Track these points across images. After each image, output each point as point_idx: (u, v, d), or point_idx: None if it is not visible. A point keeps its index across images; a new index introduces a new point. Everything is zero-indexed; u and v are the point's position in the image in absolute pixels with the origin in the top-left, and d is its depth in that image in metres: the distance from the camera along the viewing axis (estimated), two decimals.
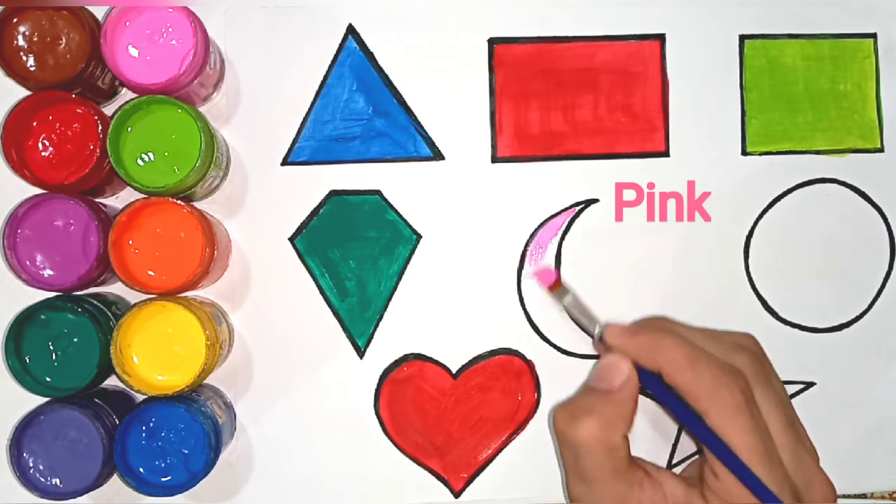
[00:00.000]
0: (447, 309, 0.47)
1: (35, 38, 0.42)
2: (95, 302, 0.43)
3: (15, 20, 0.42)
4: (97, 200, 0.44)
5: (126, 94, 0.46)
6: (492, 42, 0.48)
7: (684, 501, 0.40)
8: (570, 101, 0.48)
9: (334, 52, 0.47)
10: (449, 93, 0.48)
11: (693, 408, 0.40)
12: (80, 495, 0.42)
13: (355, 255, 0.47)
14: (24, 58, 0.42)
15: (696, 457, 0.45)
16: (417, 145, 0.48)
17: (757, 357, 0.42)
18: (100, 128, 0.42)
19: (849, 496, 0.49)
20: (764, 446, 0.39)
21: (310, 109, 0.47)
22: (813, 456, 0.41)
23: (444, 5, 0.48)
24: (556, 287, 0.46)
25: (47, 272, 0.42)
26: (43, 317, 0.42)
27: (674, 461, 0.47)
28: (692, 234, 0.48)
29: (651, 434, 0.47)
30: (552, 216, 0.48)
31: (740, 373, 0.40)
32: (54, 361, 0.42)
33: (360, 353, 0.47)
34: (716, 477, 0.39)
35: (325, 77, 0.47)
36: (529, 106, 0.48)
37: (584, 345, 0.48)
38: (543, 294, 0.47)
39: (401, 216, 0.47)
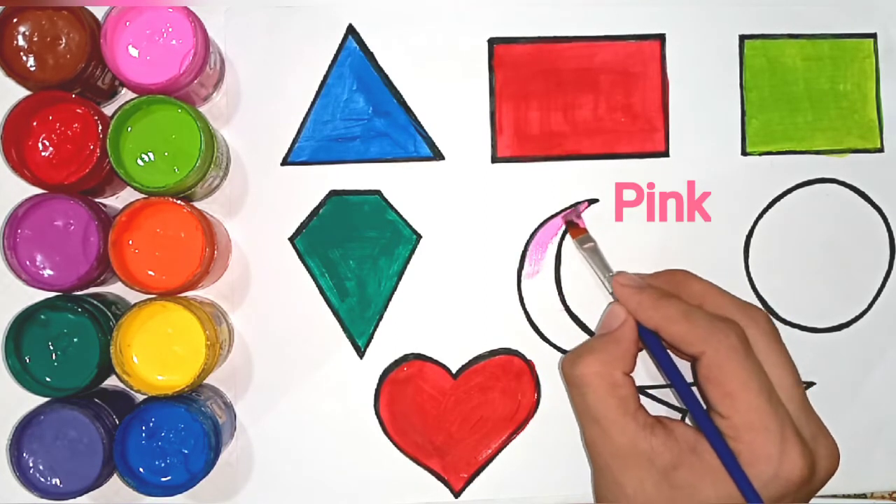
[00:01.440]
0: (447, 309, 0.47)
1: (35, 38, 0.42)
2: (95, 302, 0.43)
3: (15, 20, 0.42)
4: (97, 200, 0.44)
5: (126, 94, 0.46)
6: (492, 42, 0.48)
7: (694, 443, 0.41)
8: (570, 101, 0.48)
9: (334, 52, 0.47)
10: (449, 93, 0.48)
11: (689, 354, 0.41)
12: (80, 495, 0.42)
13: (355, 255, 0.47)
14: (25, 58, 0.42)
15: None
16: (417, 145, 0.48)
17: (767, 319, 0.43)
18: (100, 128, 0.42)
19: (849, 496, 0.49)
20: (761, 383, 0.40)
21: (310, 109, 0.47)
22: (818, 419, 0.42)
23: (444, 5, 0.48)
24: (580, 233, 0.47)
25: (47, 272, 0.42)
26: (43, 317, 0.42)
27: None
28: (692, 234, 0.48)
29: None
30: (552, 216, 0.48)
31: (735, 323, 0.41)
32: (54, 361, 0.42)
33: (360, 353, 0.47)
34: (722, 417, 0.40)
35: (325, 77, 0.47)
36: (529, 106, 0.48)
37: None
38: (553, 292, 0.47)
39: (401, 216, 0.47)
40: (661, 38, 0.49)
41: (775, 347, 0.42)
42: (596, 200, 0.48)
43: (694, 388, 0.42)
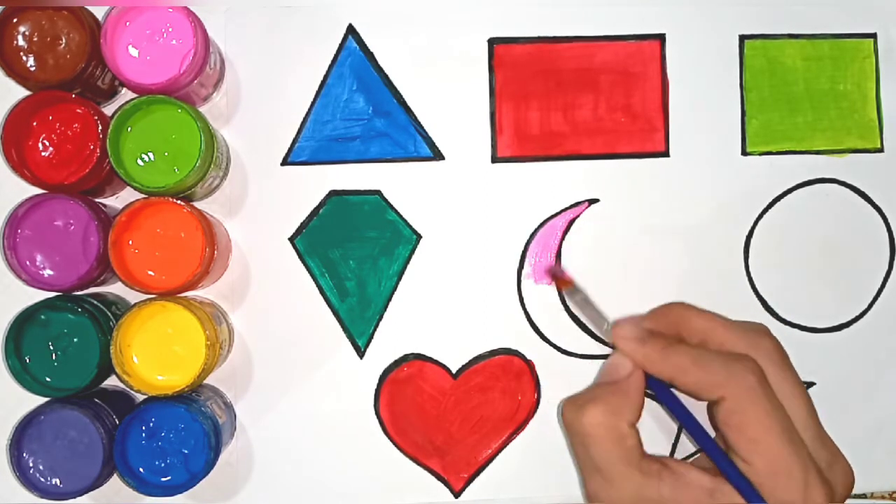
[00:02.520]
0: (447, 309, 0.47)
1: (35, 38, 0.42)
2: (95, 302, 0.43)
3: (15, 20, 0.42)
4: (97, 200, 0.44)
5: (126, 94, 0.46)
6: (492, 42, 0.48)
7: (712, 488, 0.39)
8: (570, 101, 0.48)
9: (334, 52, 0.47)
10: (449, 93, 0.48)
11: (707, 399, 0.40)
12: (80, 495, 0.42)
13: (355, 255, 0.47)
14: (25, 58, 0.42)
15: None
16: (417, 145, 0.48)
17: (777, 344, 0.42)
18: (100, 128, 0.42)
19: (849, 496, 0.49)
20: (783, 425, 0.39)
21: (310, 109, 0.47)
22: (832, 442, 0.41)
23: (444, 5, 0.48)
24: (567, 285, 0.46)
25: (47, 272, 0.42)
26: (43, 317, 0.42)
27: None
28: (692, 234, 0.48)
29: (651, 434, 0.47)
30: (552, 216, 0.48)
31: (751, 360, 0.40)
32: (54, 361, 0.42)
33: (360, 353, 0.47)
34: (744, 461, 0.39)
35: (325, 77, 0.47)
36: (529, 106, 0.48)
37: (584, 345, 0.48)
38: (553, 292, 0.47)
39: (401, 216, 0.47)
40: (661, 38, 0.49)
41: (788, 377, 0.41)
42: (596, 200, 0.48)
43: (709, 428, 0.41)
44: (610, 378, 0.42)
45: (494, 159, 0.48)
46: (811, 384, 0.49)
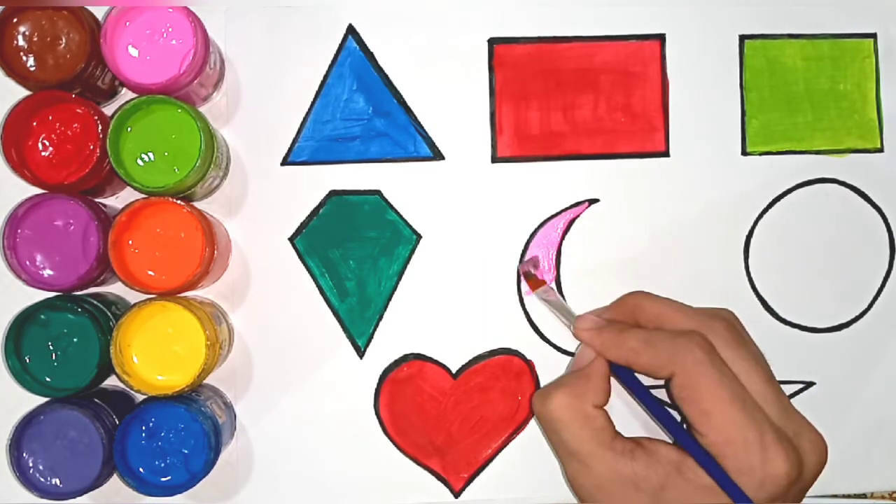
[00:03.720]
0: (447, 309, 0.47)
1: (35, 38, 0.42)
2: (95, 302, 0.43)
3: (15, 20, 0.42)
4: (97, 200, 0.44)
5: (126, 94, 0.46)
6: (492, 42, 0.48)
7: (679, 461, 0.41)
8: (570, 101, 0.48)
9: (334, 52, 0.47)
10: (449, 93, 0.48)
11: (661, 378, 0.41)
12: (80, 495, 0.42)
13: (355, 255, 0.47)
14: (24, 58, 0.42)
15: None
16: (417, 145, 0.48)
17: (729, 323, 0.43)
18: (100, 128, 0.42)
19: (849, 496, 0.49)
20: (734, 393, 0.39)
21: (310, 109, 0.47)
22: (800, 414, 0.42)
23: (444, 5, 0.48)
24: (539, 285, 0.47)
25: (47, 272, 0.42)
26: (43, 317, 0.42)
27: None
28: (692, 234, 0.48)
29: (650, 435, 0.47)
30: (552, 216, 0.48)
31: (698, 334, 0.41)
32: (54, 361, 0.42)
33: (360, 353, 0.47)
34: (701, 434, 0.40)
35: (325, 77, 0.47)
36: (529, 106, 0.48)
37: None
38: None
39: (401, 216, 0.47)
40: (661, 38, 0.49)
41: (741, 351, 0.41)
42: (596, 200, 0.48)
43: (673, 411, 0.42)
44: (575, 367, 0.44)
45: (494, 159, 0.48)
46: (811, 384, 0.49)
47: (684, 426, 0.41)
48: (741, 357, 0.41)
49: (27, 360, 0.42)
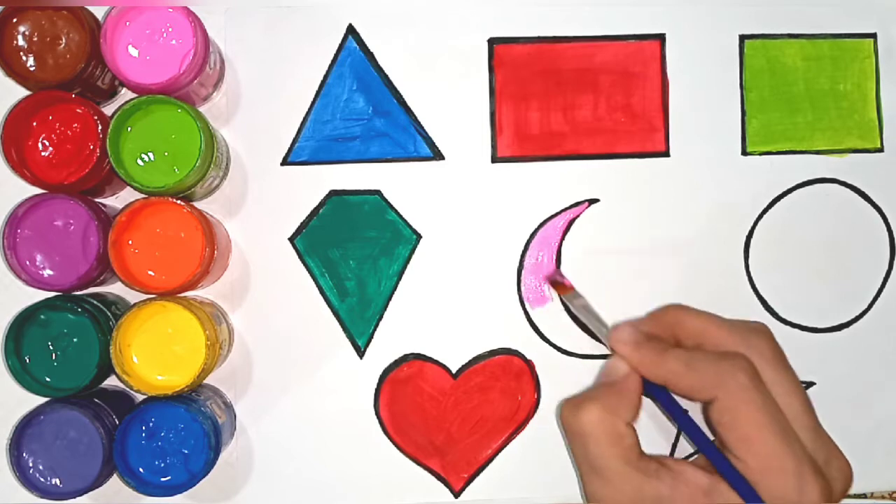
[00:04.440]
0: (447, 309, 0.47)
1: (35, 38, 0.42)
2: (95, 302, 0.43)
3: (15, 20, 0.42)
4: (97, 200, 0.44)
5: (126, 94, 0.46)
6: (492, 42, 0.48)
7: (709, 486, 0.40)
8: (570, 101, 0.48)
9: (334, 52, 0.47)
10: (449, 93, 0.48)
11: (701, 401, 0.40)
12: (80, 495, 0.42)
13: (355, 254, 0.47)
14: (24, 58, 0.42)
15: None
16: (417, 145, 0.48)
17: (772, 340, 0.42)
18: (99, 128, 0.42)
19: (849, 496, 0.49)
20: (776, 421, 0.39)
21: (310, 109, 0.47)
22: (829, 438, 0.41)
23: (444, 5, 0.48)
24: (567, 291, 0.46)
25: (47, 272, 0.42)
26: (43, 317, 0.42)
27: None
28: (692, 233, 0.48)
29: (651, 434, 0.47)
30: (552, 216, 0.48)
31: (742, 357, 0.40)
32: (54, 361, 0.42)
33: (360, 353, 0.47)
34: (738, 459, 0.39)
35: (325, 77, 0.47)
36: (529, 106, 0.48)
37: (584, 345, 0.48)
38: (553, 293, 0.47)
39: (401, 216, 0.47)
40: (661, 38, 0.49)
41: (783, 374, 0.41)
42: (596, 200, 0.48)
43: (705, 427, 0.42)
44: (608, 379, 0.42)
45: (494, 159, 0.48)
46: (811, 384, 0.49)
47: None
48: (782, 378, 0.40)
49: (27, 360, 0.42)
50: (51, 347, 0.42)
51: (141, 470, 0.42)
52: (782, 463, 0.38)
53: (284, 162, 0.47)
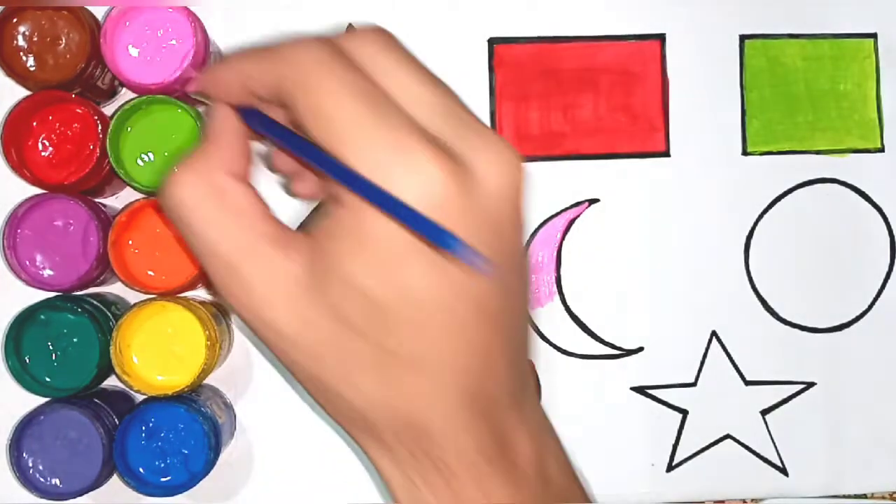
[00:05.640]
0: None
1: (35, 38, 0.42)
2: (95, 302, 0.43)
3: (15, 20, 0.42)
4: (97, 200, 0.44)
5: (126, 94, 0.46)
6: (492, 42, 0.48)
7: (334, 225, 0.29)
8: (570, 101, 0.48)
9: None
10: None
11: (287, 105, 0.29)
12: (80, 495, 0.42)
13: None
14: (24, 58, 0.42)
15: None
16: None
17: (383, 32, 0.31)
18: (99, 128, 0.42)
19: (849, 496, 0.49)
20: (357, 91, 0.28)
21: None
22: (490, 131, 0.31)
23: (444, 5, 0.48)
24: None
25: (47, 272, 0.42)
26: (42, 317, 0.42)
27: (674, 462, 0.47)
28: (692, 233, 0.48)
29: (651, 435, 0.47)
30: (552, 216, 0.48)
31: (322, 39, 0.29)
32: (54, 361, 0.42)
33: None
34: (340, 204, 0.28)
35: None
36: (529, 106, 0.48)
37: (584, 345, 0.48)
38: (554, 297, 0.47)
39: None
40: (661, 38, 0.49)
41: (403, 62, 0.30)
42: (596, 200, 0.48)
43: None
44: (202, 139, 0.32)
45: None
46: (811, 384, 0.49)
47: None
48: (404, 67, 0.29)
49: (27, 361, 0.42)
50: (51, 347, 0.42)
51: (141, 470, 0.42)
52: (370, 134, 0.27)
53: None
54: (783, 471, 0.48)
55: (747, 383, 0.48)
